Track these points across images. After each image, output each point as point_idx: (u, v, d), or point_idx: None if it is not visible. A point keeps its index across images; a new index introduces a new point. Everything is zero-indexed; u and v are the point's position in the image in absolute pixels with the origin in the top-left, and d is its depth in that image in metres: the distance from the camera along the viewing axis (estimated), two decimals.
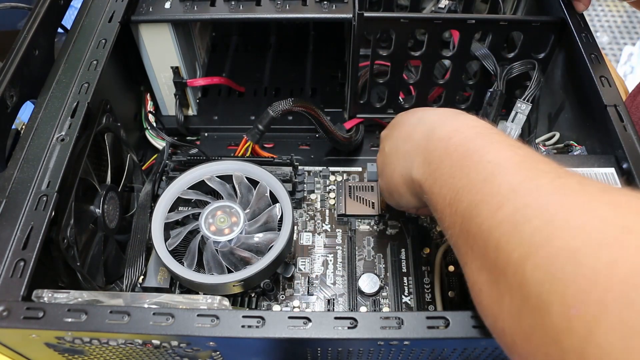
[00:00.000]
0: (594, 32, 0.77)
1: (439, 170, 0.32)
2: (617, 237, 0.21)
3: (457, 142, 0.32)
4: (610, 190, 0.24)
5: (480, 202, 0.27)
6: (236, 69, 0.69)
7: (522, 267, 0.24)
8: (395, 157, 0.39)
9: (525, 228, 0.24)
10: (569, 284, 0.21)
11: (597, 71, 0.45)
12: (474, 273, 0.28)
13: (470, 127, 0.33)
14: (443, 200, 0.31)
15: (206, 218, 0.44)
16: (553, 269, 0.22)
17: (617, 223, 0.22)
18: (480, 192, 0.28)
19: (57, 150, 0.39)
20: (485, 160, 0.29)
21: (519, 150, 0.29)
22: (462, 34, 0.51)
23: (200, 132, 0.62)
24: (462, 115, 0.35)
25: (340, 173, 0.57)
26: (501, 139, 0.31)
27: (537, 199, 0.25)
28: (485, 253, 0.27)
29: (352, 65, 0.53)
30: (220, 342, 0.32)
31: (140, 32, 0.53)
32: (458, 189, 0.30)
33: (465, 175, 0.29)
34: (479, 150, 0.30)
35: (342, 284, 0.49)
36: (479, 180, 0.28)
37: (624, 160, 0.40)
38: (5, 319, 0.31)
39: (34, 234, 0.34)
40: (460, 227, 0.29)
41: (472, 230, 0.28)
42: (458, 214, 0.29)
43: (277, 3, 0.51)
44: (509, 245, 0.25)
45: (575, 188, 0.25)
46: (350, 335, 0.31)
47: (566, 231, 0.23)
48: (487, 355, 0.36)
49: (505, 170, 0.28)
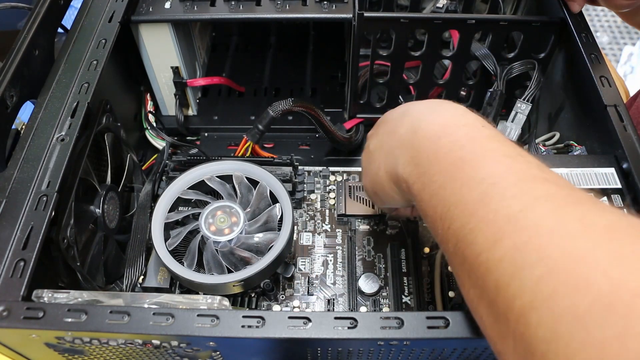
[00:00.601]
0: (594, 32, 0.77)
1: (427, 175, 0.30)
2: (628, 304, 0.20)
3: (446, 145, 0.30)
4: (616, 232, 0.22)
5: (475, 228, 0.26)
6: (236, 69, 0.69)
7: (526, 318, 0.22)
8: (380, 153, 0.37)
9: (527, 275, 0.23)
10: (577, 352, 0.20)
11: (597, 71, 0.45)
12: (473, 300, 0.27)
13: (460, 125, 0.31)
14: (434, 212, 0.29)
15: (206, 218, 0.44)
16: (560, 330, 0.21)
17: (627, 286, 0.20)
18: (475, 216, 0.26)
19: (57, 150, 0.39)
20: (478, 176, 0.27)
21: (514, 164, 0.27)
22: (462, 34, 0.51)
23: (200, 132, 0.62)
24: (448, 107, 0.33)
25: (340, 173, 0.57)
26: (494, 145, 0.29)
27: (537, 239, 0.23)
28: (484, 287, 0.25)
29: (352, 65, 0.53)
30: (220, 342, 0.32)
31: (140, 32, 0.53)
32: (450, 204, 0.28)
33: (458, 190, 0.28)
34: (471, 162, 0.28)
35: (342, 284, 0.49)
36: (473, 200, 0.27)
37: (624, 160, 0.40)
38: (5, 319, 0.31)
39: (34, 234, 0.34)
40: (455, 248, 0.27)
41: (469, 258, 0.26)
42: (451, 233, 0.28)
43: (277, 3, 0.51)
44: (510, 290, 0.23)
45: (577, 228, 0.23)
46: (350, 335, 0.31)
47: (572, 288, 0.21)
48: (487, 356, 0.36)
49: (500, 193, 0.26)
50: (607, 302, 0.20)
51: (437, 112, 0.33)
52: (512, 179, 0.26)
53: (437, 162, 0.30)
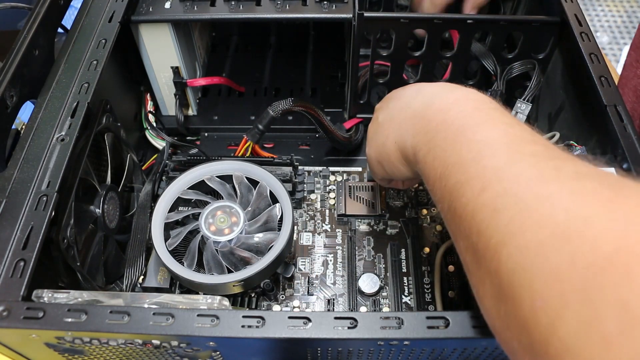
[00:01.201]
0: (594, 32, 0.77)
1: (433, 140, 0.33)
2: (579, 230, 0.22)
3: (454, 115, 0.32)
4: (583, 177, 0.24)
5: (465, 182, 0.28)
6: (236, 69, 0.69)
7: (498, 254, 0.24)
8: (390, 124, 0.39)
9: (503, 216, 0.25)
10: (535, 276, 0.22)
11: (597, 71, 0.45)
12: (462, 252, 0.29)
13: (470, 99, 0.33)
14: (434, 173, 0.31)
15: (206, 218, 0.44)
16: (523, 260, 0.23)
17: (580, 215, 0.22)
18: (467, 172, 0.28)
19: (57, 150, 0.39)
20: (476, 138, 0.29)
21: (510, 129, 0.29)
22: (462, 34, 0.51)
23: (200, 132, 0.62)
24: (461, 88, 0.35)
25: (340, 173, 0.57)
26: (496, 115, 0.31)
27: (515, 186, 0.25)
28: (469, 234, 0.27)
29: (352, 65, 0.53)
30: (220, 342, 0.32)
31: (140, 32, 0.53)
32: (448, 164, 0.30)
33: (457, 151, 0.30)
34: (473, 127, 0.30)
35: (342, 284, 0.49)
36: (468, 159, 0.29)
37: (624, 160, 0.40)
38: (5, 319, 0.31)
39: (34, 234, 0.34)
40: (449, 204, 0.29)
41: (458, 209, 0.28)
42: (447, 190, 0.30)
43: (277, 3, 0.51)
44: (488, 231, 0.25)
45: (551, 175, 0.25)
46: (350, 335, 0.31)
47: (536, 223, 0.23)
48: (487, 356, 0.36)
49: (492, 151, 0.28)
50: (562, 231, 0.22)
51: (451, 90, 0.35)
52: (505, 140, 0.29)
53: (444, 128, 0.32)
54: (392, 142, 0.38)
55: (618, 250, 0.20)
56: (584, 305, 0.20)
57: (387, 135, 0.39)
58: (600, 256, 0.20)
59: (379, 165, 0.42)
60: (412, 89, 0.39)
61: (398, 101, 0.40)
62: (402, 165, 0.38)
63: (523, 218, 0.24)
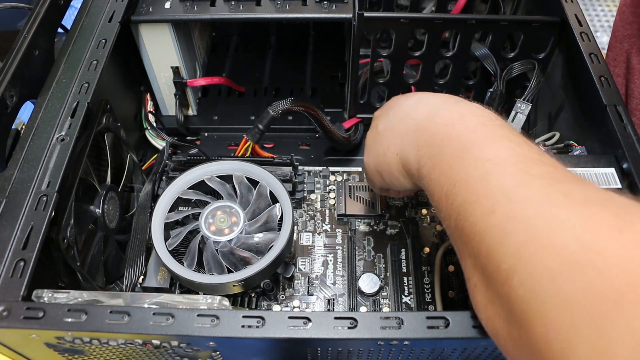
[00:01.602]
0: (594, 32, 0.77)
1: (439, 155, 0.32)
2: (591, 260, 0.22)
3: (459, 130, 0.32)
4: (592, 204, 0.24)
5: (475, 202, 0.28)
6: (236, 69, 0.69)
7: (510, 280, 0.24)
8: (391, 134, 0.38)
9: (513, 241, 0.25)
10: (549, 307, 0.22)
11: (597, 71, 0.45)
12: (469, 269, 0.29)
13: (475, 115, 0.33)
14: (440, 190, 0.31)
15: (206, 218, 0.44)
16: (536, 289, 0.23)
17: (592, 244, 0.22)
18: (475, 191, 0.28)
19: (57, 150, 0.39)
20: (484, 157, 0.29)
21: (518, 148, 0.29)
22: (462, 34, 0.51)
23: (200, 132, 0.62)
24: (464, 102, 0.35)
25: (340, 173, 0.57)
26: (504, 132, 0.31)
27: (525, 210, 0.25)
28: (477, 254, 0.27)
29: (352, 65, 0.53)
30: (220, 342, 0.32)
31: (140, 32, 0.53)
32: (455, 181, 0.30)
33: (464, 168, 0.30)
34: (480, 144, 0.30)
35: (342, 284, 0.49)
36: (476, 178, 0.29)
37: (624, 160, 0.40)
38: (5, 319, 0.31)
39: (34, 234, 0.34)
40: (456, 222, 0.29)
41: (466, 228, 0.28)
42: (454, 208, 0.29)
43: (277, 3, 0.51)
44: (498, 255, 0.25)
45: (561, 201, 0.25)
46: (350, 335, 0.31)
47: (547, 250, 0.23)
48: (487, 355, 0.36)
49: (500, 171, 0.28)
50: (575, 261, 0.22)
51: (455, 103, 0.35)
52: (514, 160, 0.28)
53: (450, 143, 0.32)
54: (393, 153, 0.38)
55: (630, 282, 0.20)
56: (596, 336, 0.20)
57: (388, 146, 0.38)
58: (612, 287, 0.20)
59: (378, 175, 0.41)
60: (413, 99, 0.39)
61: (399, 110, 0.39)
62: (402, 177, 0.38)
63: (534, 244, 0.24)
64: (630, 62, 0.60)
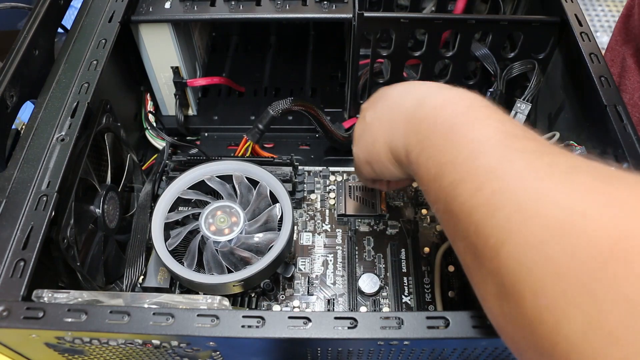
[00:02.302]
0: (594, 32, 0.77)
1: (426, 140, 0.32)
2: (576, 225, 0.22)
3: (447, 113, 0.32)
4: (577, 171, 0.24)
5: (461, 180, 0.28)
6: (236, 69, 0.69)
7: (498, 254, 0.24)
8: (379, 124, 0.38)
9: (500, 214, 0.25)
10: (538, 275, 0.22)
11: (597, 71, 0.45)
12: (461, 252, 0.29)
13: (462, 98, 0.33)
14: (428, 173, 0.31)
15: (206, 218, 0.44)
16: (523, 259, 0.23)
17: (577, 210, 0.22)
18: (462, 171, 0.28)
19: (57, 150, 0.39)
20: (469, 137, 0.29)
21: (501, 126, 0.29)
22: (462, 34, 0.51)
23: (200, 132, 0.62)
24: (450, 87, 0.35)
25: (340, 173, 0.57)
26: (488, 112, 0.31)
27: (511, 183, 0.25)
28: (467, 235, 0.27)
29: (352, 65, 0.53)
30: (220, 342, 0.32)
31: (140, 32, 0.53)
32: (442, 164, 0.30)
33: (450, 150, 0.30)
34: (466, 126, 0.30)
35: (342, 284, 0.49)
36: (462, 158, 0.29)
37: (624, 160, 0.40)
38: (5, 319, 0.31)
39: (34, 234, 0.34)
40: (445, 204, 0.29)
41: (455, 209, 0.28)
42: (442, 190, 0.29)
43: (277, 3, 0.51)
44: (486, 230, 0.25)
45: (545, 171, 0.25)
46: (350, 335, 0.31)
47: (533, 220, 0.23)
48: (487, 355, 0.36)
49: (486, 149, 0.28)
50: (561, 227, 0.22)
51: (442, 90, 0.35)
52: (498, 137, 0.28)
53: (436, 128, 0.32)
54: (382, 142, 0.37)
55: (617, 242, 0.20)
56: (588, 302, 0.20)
57: (377, 136, 0.38)
58: (600, 250, 0.20)
59: (368, 166, 0.41)
60: (400, 88, 0.38)
61: (386, 101, 0.39)
62: (392, 166, 0.38)
63: (520, 216, 0.24)
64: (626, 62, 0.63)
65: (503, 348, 0.34)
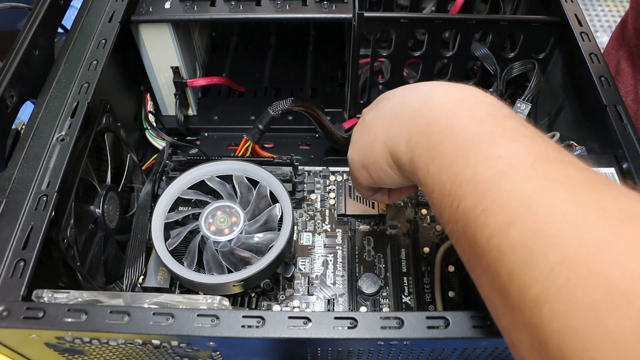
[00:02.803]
0: (594, 32, 0.77)
1: (438, 147, 0.28)
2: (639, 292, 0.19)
3: (463, 119, 0.28)
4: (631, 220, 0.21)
5: (487, 209, 0.25)
6: (236, 69, 0.69)
7: (540, 309, 0.22)
8: (380, 123, 0.34)
9: (540, 263, 0.22)
10: (590, 345, 0.20)
11: (597, 71, 0.45)
12: (485, 286, 0.26)
13: (480, 102, 0.29)
14: (441, 187, 0.28)
15: (206, 218, 0.44)
16: (573, 323, 0.20)
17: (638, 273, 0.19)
18: (487, 196, 0.25)
19: (57, 150, 0.39)
20: (495, 154, 0.26)
21: (532, 145, 0.26)
22: (462, 34, 0.51)
23: (200, 132, 0.62)
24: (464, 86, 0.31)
25: (340, 173, 0.57)
26: (514, 125, 0.27)
27: (553, 225, 0.22)
28: (496, 274, 0.24)
29: (352, 65, 0.53)
30: (220, 342, 0.32)
31: (140, 32, 0.53)
32: (461, 181, 0.26)
33: (472, 166, 0.26)
34: (489, 139, 0.27)
35: (342, 284, 0.49)
36: (487, 178, 0.25)
37: (624, 160, 0.40)
38: (5, 319, 0.31)
39: (34, 234, 0.34)
40: (464, 228, 0.26)
41: (480, 240, 0.25)
42: (460, 212, 0.26)
43: (277, 3, 0.51)
44: (523, 279, 0.22)
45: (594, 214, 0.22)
46: (350, 335, 0.31)
47: (585, 279, 0.20)
48: (487, 355, 0.36)
49: (516, 173, 0.25)
50: (621, 293, 0.19)
51: (453, 88, 0.31)
52: (530, 159, 0.25)
53: (453, 135, 0.28)
54: (380, 142, 0.34)
55: None
56: None
57: (375, 135, 0.34)
58: None
59: (364, 170, 0.37)
60: (404, 88, 0.35)
61: (388, 100, 0.35)
62: (391, 170, 0.34)
63: (568, 270, 0.21)
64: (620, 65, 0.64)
65: (503, 348, 0.34)
